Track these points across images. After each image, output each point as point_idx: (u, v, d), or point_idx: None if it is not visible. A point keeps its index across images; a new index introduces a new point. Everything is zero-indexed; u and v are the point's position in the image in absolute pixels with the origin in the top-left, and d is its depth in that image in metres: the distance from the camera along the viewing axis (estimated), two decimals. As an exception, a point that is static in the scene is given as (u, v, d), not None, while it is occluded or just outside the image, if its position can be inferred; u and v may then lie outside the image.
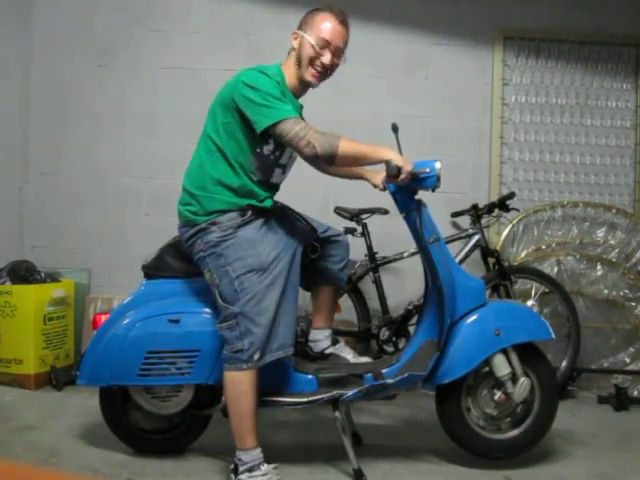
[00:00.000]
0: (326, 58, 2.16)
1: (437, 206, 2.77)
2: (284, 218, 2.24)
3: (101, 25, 3.81)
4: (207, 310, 2.25)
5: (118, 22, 3.81)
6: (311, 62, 2.17)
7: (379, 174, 2.44)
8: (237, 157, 2.12)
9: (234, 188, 2.12)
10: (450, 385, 2.27)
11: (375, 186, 2.51)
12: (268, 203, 2.18)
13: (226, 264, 2.08)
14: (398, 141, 2.23)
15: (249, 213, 2.13)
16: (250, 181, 2.14)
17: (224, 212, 2.11)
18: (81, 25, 3.81)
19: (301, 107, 2.25)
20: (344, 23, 2.20)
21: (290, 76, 2.20)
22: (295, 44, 2.21)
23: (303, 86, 2.23)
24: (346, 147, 2.01)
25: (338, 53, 2.19)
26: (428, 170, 2.11)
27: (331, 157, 2.01)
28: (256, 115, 2.03)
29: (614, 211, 3.81)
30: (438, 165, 2.12)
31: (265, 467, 2.07)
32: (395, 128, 2.25)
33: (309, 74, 2.18)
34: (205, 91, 3.79)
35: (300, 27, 2.23)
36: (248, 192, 2.14)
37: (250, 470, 2.06)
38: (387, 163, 2.08)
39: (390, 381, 2.23)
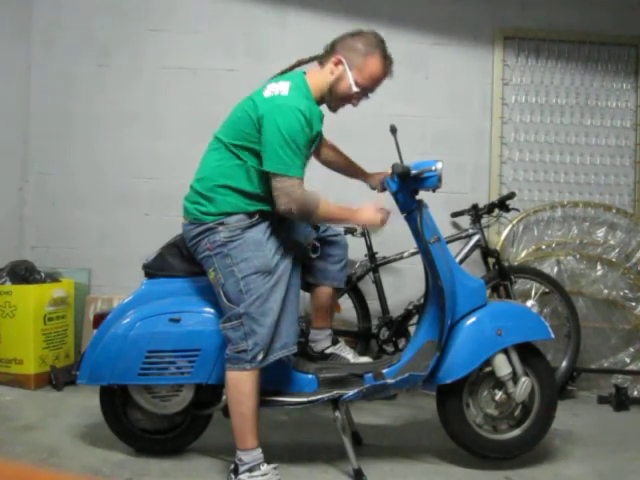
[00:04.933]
0: (358, 102, 2.20)
1: (437, 206, 2.77)
2: (287, 219, 2.25)
3: (101, 25, 3.81)
4: (208, 309, 2.25)
5: (118, 22, 3.81)
6: (342, 99, 2.18)
7: (377, 175, 2.44)
8: (255, 167, 2.11)
9: (247, 194, 2.13)
10: (452, 384, 2.27)
11: (373, 188, 2.52)
12: (271, 206, 2.18)
13: (232, 264, 2.08)
14: (397, 142, 2.24)
15: (256, 216, 2.14)
16: (263, 190, 2.14)
17: (232, 213, 2.12)
18: (81, 25, 3.81)
19: (322, 116, 2.22)
20: (389, 74, 2.20)
21: (316, 88, 2.17)
22: (335, 71, 2.15)
23: (324, 99, 2.22)
24: (323, 212, 2.10)
25: (367, 95, 2.22)
26: (433, 168, 2.12)
27: (305, 219, 2.14)
28: (267, 154, 2.05)
29: (614, 211, 3.80)
30: (440, 165, 2.14)
31: (265, 467, 2.07)
32: (393, 130, 2.27)
33: (335, 106, 2.22)
34: (205, 91, 3.82)
35: (344, 49, 2.15)
36: (259, 199, 2.15)
37: (250, 470, 2.06)
38: (395, 164, 2.12)
39: (390, 381, 2.23)
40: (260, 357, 2.05)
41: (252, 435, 2.08)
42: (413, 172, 2.13)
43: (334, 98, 2.18)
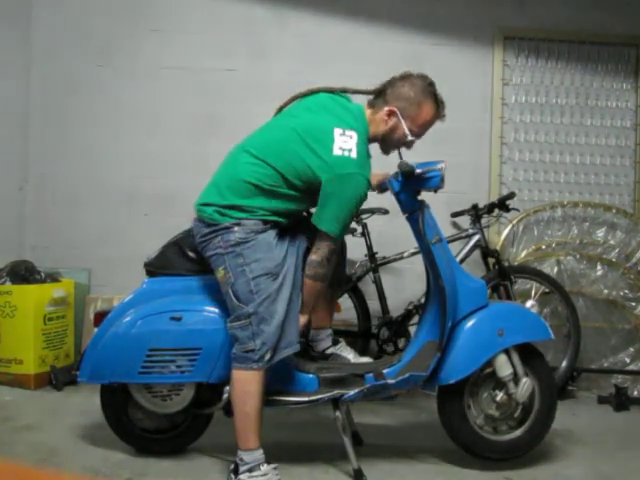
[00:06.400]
0: (411, 146, 2.24)
1: (437, 206, 2.77)
2: (292, 225, 2.26)
3: (101, 25, 3.81)
4: (209, 308, 2.25)
5: (118, 22, 3.81)
6: (397, 146, 2.25)
7: (377, 176, 2.44)
8: (293, 195, 2.14)
9: (272, 210, 2.14)
10: (453, 385, 2.26)
11: (372, 189, 2.51)
12: (287, 220, 2.21)
13: (244, 264, 2.09)
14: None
15: (271, 224, 2.16)
16: (288, 208, 2.17)
17: (250, 218, 2.13)
18: (81, 25, 3.81)
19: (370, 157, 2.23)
20: (444, 117, 2.25)
21: (373, 130, 2.20)
22: (389, 122, 2.18)
23: (376, 141, 2.27)
24: (320, 287, 2.19)
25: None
26: (439, 167, 2.15)
27: (321, 278, 2.17)
28: (325, 214, 2.09)
29: (614, 211, 3.81)
30: (443, 165, 2.14)
31: (265, 467, 2.07)
32: None
33: (389, 150, 2.28)
34: (205, 91, 3.82)
35: (395, 99, 2.16)
36: (280, 214, 2.17)
37: (250, 470, 2.06)
38: (400, 163, 2.14)
39: (391, 381, 2.23)
40: (267, 357, 2.05)
41: (255, 435, 2.08)
42: (417, 171, 2.13)
43: (388, 145, 2.25)
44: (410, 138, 2.19)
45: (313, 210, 2.26)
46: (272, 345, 2.06)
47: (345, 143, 2.06)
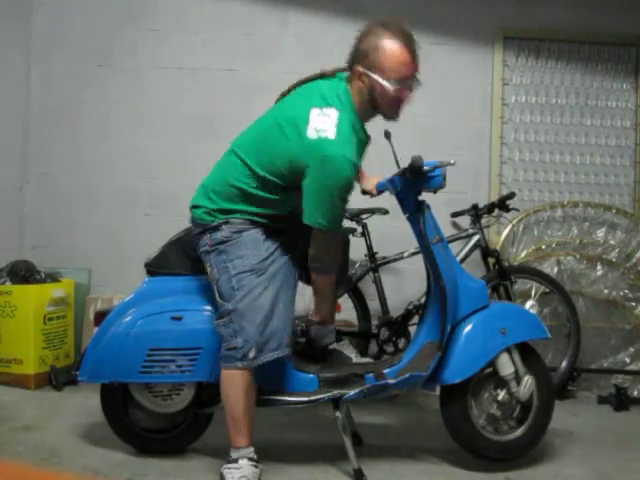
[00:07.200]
0: (406, 94, 2.04)
1: (437, 206, 2.77)
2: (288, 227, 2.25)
3: (101, 25, 3.81)
4: (210, 308, 2.25)
5: (118, 22, 3.81)
6: (391, 103, 2.05)
7: (373, 179, 2.43)
8: (278, 198, 2.12)
9: (259, 214, 2.13)
10: (456, 386, 2.26)
11: (365, 192, 2.49)
12: (276, 223, 2.19)
13: (227, 260, 2.09)
14: (392, 146, 2.24)
15: (258, 224, 2.15)
16: (276, 211, 2.15)
17: (238, 218, 2.12)
18: (81, 25, 3.81)
19: (367, 140, 2.14)
20: (414, 50, 2.01)
21: (358, 103, 2.06)
22: (363, 85, 2.02)
23: (374, 113, 2.12)
24: (329, 281, 2.23)
25: (415, 81, 2.05)
26: (452, 162, 2.16)
27: (325, 270, 2.17)
28: (311, 209, 2.01)
29: (614, 211, 3.81)
30: (451, 162, 2.15)
31: (242, 462, 2.06)
32: (388, 135, 2.29)
33: (392, 113, 2.09)
34: (205, 91, 3.82)
35: (357, 59, 2.03)
36: (268, 218, 2.15)
37: (229, 462, 2.07)
38: (414, 157, 2.09)
39: (391, 381, 2.23)
40: (251, 355, 2.03)
41: (243, 434, 2.08)
42: (425, 168, 2.12)
43: (383, 107, 2.07)
44: (392, 86, 1.98)
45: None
46: (255, 343, 2.04)
47: (322, 123, 1.93)
